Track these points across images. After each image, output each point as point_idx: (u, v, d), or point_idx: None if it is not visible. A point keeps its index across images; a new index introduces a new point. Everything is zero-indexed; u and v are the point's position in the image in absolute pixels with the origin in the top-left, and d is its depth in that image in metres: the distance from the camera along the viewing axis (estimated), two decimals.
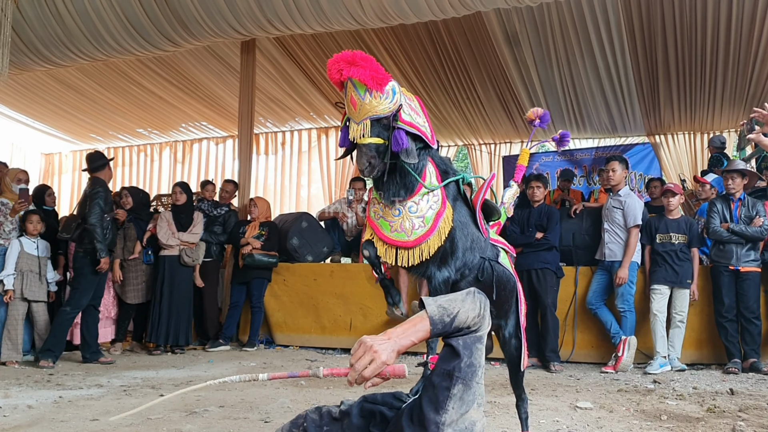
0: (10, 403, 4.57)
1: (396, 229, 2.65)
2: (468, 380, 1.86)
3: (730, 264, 6.51)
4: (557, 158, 11.93)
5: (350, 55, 2.47)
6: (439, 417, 1.84)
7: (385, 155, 2.55)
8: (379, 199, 2.71)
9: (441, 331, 1.85)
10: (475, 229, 2.83)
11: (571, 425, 4.12)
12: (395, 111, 2.53)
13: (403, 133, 2.55)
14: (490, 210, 2.94)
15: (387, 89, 2.50)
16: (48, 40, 8.25)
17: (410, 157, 2.57)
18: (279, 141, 13.17)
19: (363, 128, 2.51)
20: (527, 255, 6.98)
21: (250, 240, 8.07)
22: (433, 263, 2.66)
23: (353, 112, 2.53)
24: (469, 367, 1.86)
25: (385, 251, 2.69)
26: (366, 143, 2.52)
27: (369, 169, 2.54)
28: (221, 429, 3.89)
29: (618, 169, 6.89)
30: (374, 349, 1.78)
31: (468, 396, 1.86)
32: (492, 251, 2.91)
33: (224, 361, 7.00)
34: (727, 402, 4.83)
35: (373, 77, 2.45)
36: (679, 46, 8.87)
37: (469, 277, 2.77)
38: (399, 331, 1.84)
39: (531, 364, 6.83)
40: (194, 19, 7.72)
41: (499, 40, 9.22)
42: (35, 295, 6.87)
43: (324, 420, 2.37)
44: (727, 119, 10.50)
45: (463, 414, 1.85)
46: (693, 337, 6.79)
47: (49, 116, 12.85)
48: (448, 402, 1.85)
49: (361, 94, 2.48)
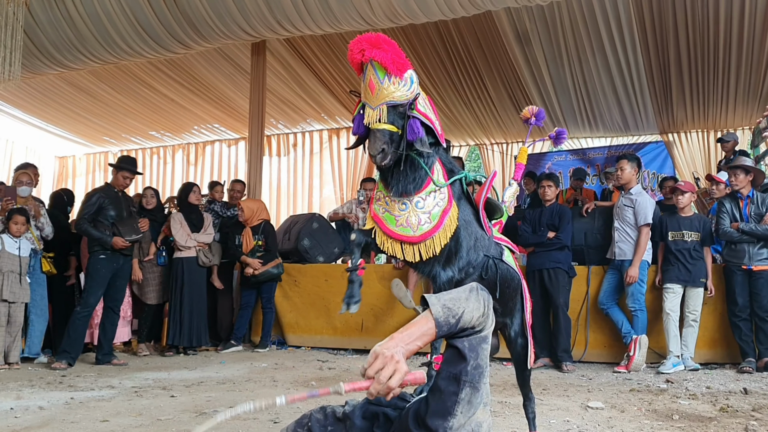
0: (21, 405, 4.59)
1: (402, 223, 2.61)
2: (476, 383, 1.83)
3: (743, 263, 6.43)
4: (570, 157, 11.88)
5: (374, 37, 2.45)
6: (446, 423, 1.81)
7: (399, 144, 2.52)
8: (385, 193, 2.68)
9: (446, 333, 1.81)
10: (479, 228, 2.80)
11: (581, 425, 4.09)
12: (412, 99, 2.51)
13: (418, 123, 2.52)
14: (493, 208, 2.91)
15: (406, 76, 2.48)
16: (60, 44, 8.31)
17: (424, 146, 2.54)
18: (291, 142, 13.19)
19: (379, 113, 2.47)
20: (539, 254, 6.95)
21: (249, 261, 7.96)
22: (438, 263, 2.63)
23: (370, 96, 2.49)
24: (476, 369, 1.83)
25: (390, 246, 2.65)
26: (381, 128, 2.48)
27: (381, 156, 2.49)
28: (230, 430, 3.89)
29: (627, 167, 6.84)
30: (396, 359, 1.74)
31: (476, 399, 1.84)
32: (496, 249, 2.89)
33: (236, 362, 7.02)
34: (740, 401, 4.78)
35: (394, 61, 2.43)
36: (691, 43, 8.79)
37: (473, 275, 2.74)
38: (405, 336, 1.80)
39: (543, 364, 6.80)
40: (204, 22, 7.75)
41: (510, 39, 9.18)
42: (15, 296, 6.62)
43: (328, 420, 2.35)
44: (741, 117, 10.39)
45: (470, 417, 1.83)
46: (707, 337, 6.73)
47: (62, 120, 12.94)
48: (456, 407, 1.82)
49: (380, 77, 2.45)
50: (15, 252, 6.70)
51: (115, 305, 7.09)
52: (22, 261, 6.75)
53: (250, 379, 5.95)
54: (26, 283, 6.78)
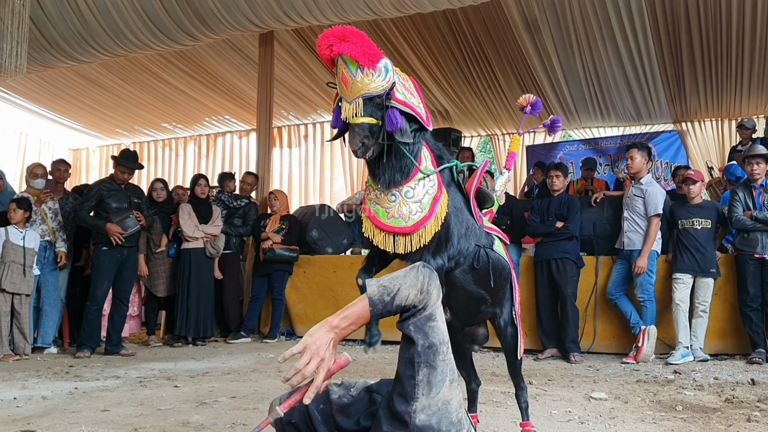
0: (25, 395, 4.62)
1: (393, 215, 2.56)
2: (431, 362, 1.83)
3: (755, 252, 6.34)
4: (582, 147, 11.78)
5: (341, 31, 2.39)
6: (410, 407, 1.81)
7: (379, 135, 2.48)
8: (374, 186, 2.64)
9: (382, 311, 1.83)
10: (470, 216, 2.76)
11: (582, 416, 4.05)
12: (388, 89, 2.45)
13: (396, 112, 2.46)
14: (484, 197, 2.87)
15: (379, 66, 2.41)
16: (69, 36, 8.36)
17: (405, 136, 2.48)
18: (302, 134, 13.19)
19: (355, 107, 2.41)
20: (547, 245, 6.91)
21: (271, 235, 8.08)
22: (428, 251, 2.57)
23: (345, 90, 2.44)
24: (429, 348, 1.83)
25: (382, 239, 2.61)
26: (359, 123, 2.43)
27: (362, 150, 2.46)
28: (229, 419, 3.89)
29: (637, 156, 6.75)
30: (320, 356, 1.81)
31: (435, 377, 1.83)
32: (487, 239, 2.85)
33: (244, 353, 7.03)
34: (746, 392, 4.72)
35: (364, 53, 2.36)
36: (703, 30, 8.67)
37: (464, 265, 2.70)
38: (338, 320, 1.85)
39: (551, 354, 6.77)
40: (211, 13, 7.76)
41: (519, 27, 9.11)
42: (17, 288, 6.57)
43: (321, 398, 2.36)
44: (756, 105, 10.25)
45: (434, 396, 1.82)
46: (717, 327, 6.65)
47: (75, 112, 13.04)
48: (416, 390, 1.82)
49: (352, 71, 2.39)
50: (19, 243, 6.65)
51: (123, 296, 7.15)
52: (27, 252, 6.69)
53: (256, 369, 5.95)
54: (31, 275, 6.74)
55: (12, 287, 6.56)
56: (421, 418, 1.81)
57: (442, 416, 1.82)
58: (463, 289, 2.76)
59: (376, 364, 6.17)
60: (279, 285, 8.20)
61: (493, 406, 4.30)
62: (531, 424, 3.16)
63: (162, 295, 7.90)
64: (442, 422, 1.82)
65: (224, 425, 3.75)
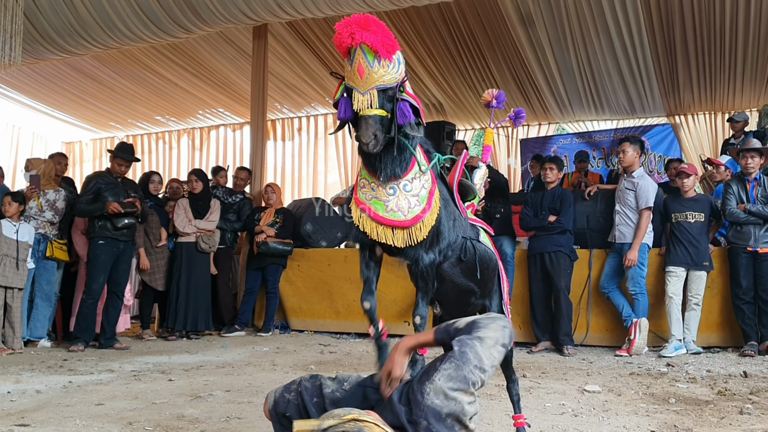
0: (19, 389, 4.62)
1: (392, 208, 2.54)
2: (460, 365, 2.00)
3: (748, 245, 6.36)
4: (576, 141, 11.78)
5: (363, 19, 2.35)
6: (424, 387, 2.00)
7: (389, 128, 2.44)
8: (370, 179, 2.60)
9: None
10: (455, 208, 2.77)
11: (576, 408, 4.08)
12: (401, 82, 2.44)
13: (407, 105, 2.44)
14: (466, 190, 2.87)
15: (395, 58, 2.39)
16: (61, 29, 8.30)
17: (414, 130, 2.48)
18: (295, 127, 13.16)
19: (370, 98, 2.37)
20: (540, 238, 6.92)
21: (265, 228, 8.07)
22: (422, 245, 2.58)
23: (359, 81, 2.38)
24: (462, 355, 2.03)
25: (380, 232, 2.58)
26: (372, 115, 2.38)
27: (374, 143, 2.40)
28: (224, 413, 3.90)
29: (629, 150, 6.76)
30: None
31: (459, 373, 1.99)
32: (473, 231, 2.85)
33: (238, 347, 7.03)
34: (739, 385, 4.75)
35: (384, 43, 2.34)
36: (697, 24, 8.68)
37: (451, 257, 2.70)
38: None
39: (544, 347, 6.79)
40: (205, 5, 7.73)
41: (514, 21, 9.10)
42: (9, 281, 6.51)
43: (315, 392, 2.38)
44: (749, 98, 10.28)
45: (450, 388, 1.98)
46: (710, 320, 6.68)
47: (69, 105, 12.96)
48: (436, 374, 2.00)
49: (369, 61, 2.35)
50: (12, 236, 6.59)
51: (118, 290, 7.15)
52: (20, 246, 6.62)
53: (250, 363, 5.96)
54: (24, 268, 6.69)
55: (4, 281, 6.50)
56: (434, 401, 1.96)
57: (453, 408, 1.96)
58: (452, 282, 2.77)
59: (371, 358, 6.17)
60: (273, 278, 8.19)
61: (487, 398, 4.32)
62: (523, 417, 3.17)
63: (162, 290, 7.89)
64: (446, 411, 1.97)
65: (219, 418, 3.76)
